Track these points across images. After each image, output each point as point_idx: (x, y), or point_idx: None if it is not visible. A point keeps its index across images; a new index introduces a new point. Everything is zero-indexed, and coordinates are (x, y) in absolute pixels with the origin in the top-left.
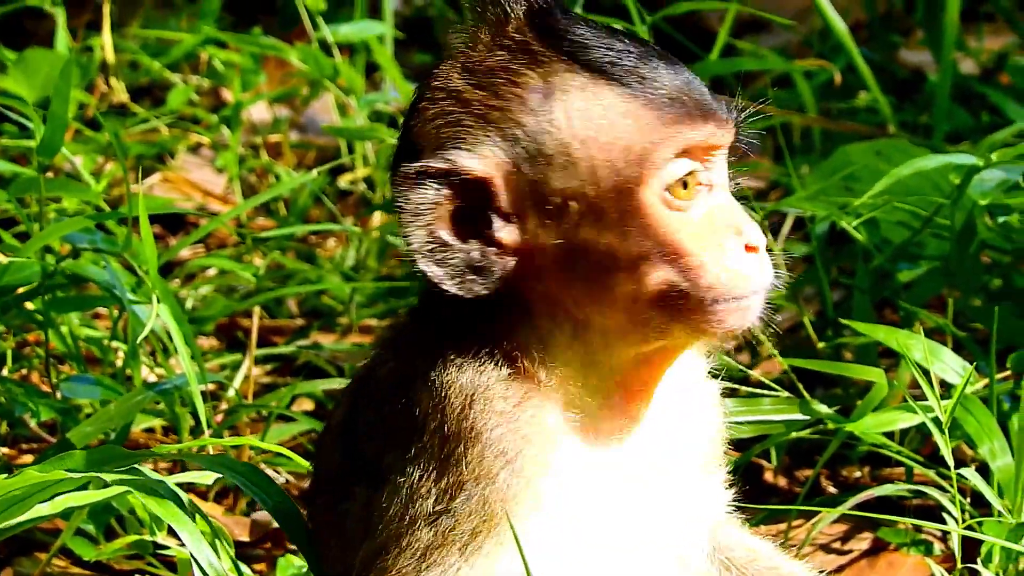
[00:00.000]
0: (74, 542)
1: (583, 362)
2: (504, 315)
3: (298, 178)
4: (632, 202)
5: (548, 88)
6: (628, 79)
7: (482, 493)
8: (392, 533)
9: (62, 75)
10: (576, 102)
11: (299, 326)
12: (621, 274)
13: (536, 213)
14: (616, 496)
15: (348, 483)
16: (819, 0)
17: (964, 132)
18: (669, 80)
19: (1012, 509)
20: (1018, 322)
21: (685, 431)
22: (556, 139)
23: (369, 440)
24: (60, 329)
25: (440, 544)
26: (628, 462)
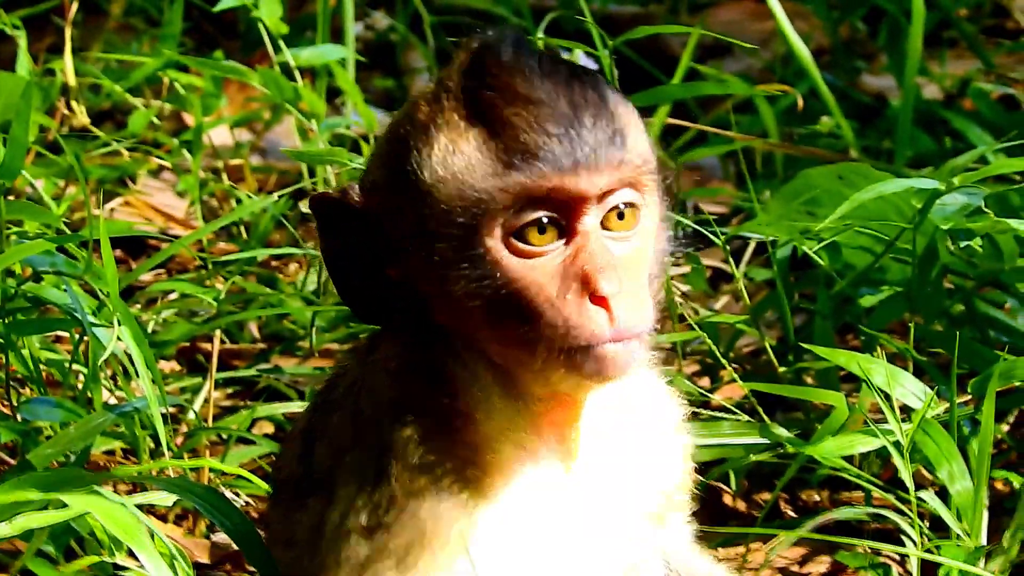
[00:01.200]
0: (34, 563)
1: (505, 393)
2: (438, 341)
3: (259, 202)
4: (478, 246)
5: (430, 127)
6: (496, 124)
7: (413, 508)
8: (332, 546)
9: (23, 98)
10: (443, 142)
11: (260, 350)
12: (486, 316)
13: (414, 249)
14: (557, 521)
15: (302, 493)
16: (782, 25)
17: (926, 157)
18: (538, 127)
19: (971, 532)
20: (979, 347)
21: (637, 461)
22: (423, 176)
23: (323, 449)
24: (21, 352)
25: (376, 559)
26: (571, 491)
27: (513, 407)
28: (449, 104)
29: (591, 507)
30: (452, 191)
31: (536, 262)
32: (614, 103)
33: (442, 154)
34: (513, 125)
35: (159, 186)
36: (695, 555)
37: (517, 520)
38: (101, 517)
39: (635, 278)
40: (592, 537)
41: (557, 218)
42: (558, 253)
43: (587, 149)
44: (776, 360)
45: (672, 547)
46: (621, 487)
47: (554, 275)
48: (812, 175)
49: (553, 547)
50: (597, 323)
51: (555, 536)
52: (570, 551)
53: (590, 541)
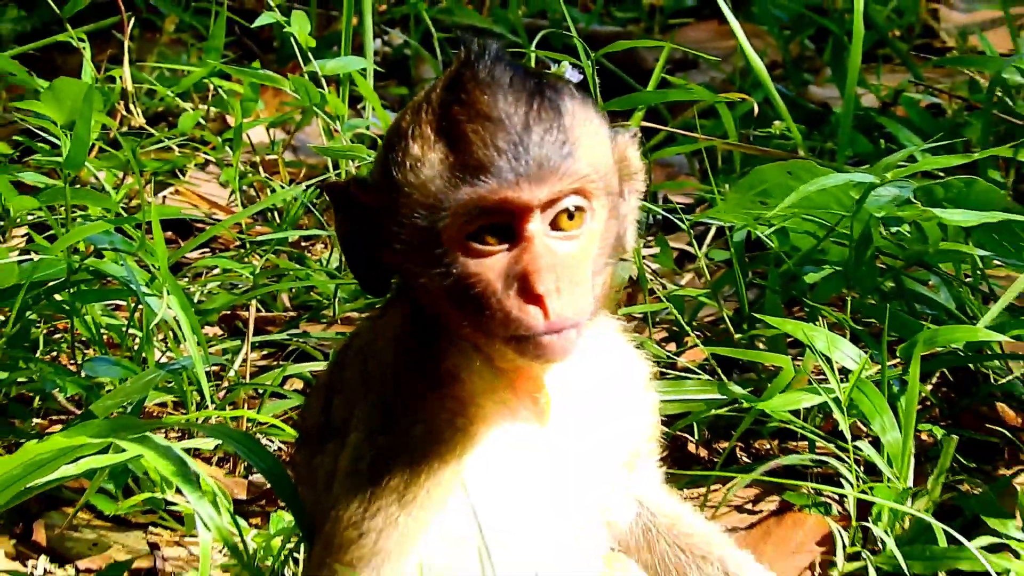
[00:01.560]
0: (96, 499)
1: (484, 358)
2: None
3: (290, 191)
4: (439, 245)
5: (408, 136)
6: (457, 139)
7: (410, 452)
8: (344, 485)
9: (86, 101)
10: (415, 152)
11: (290, 317)
12: (448, 302)
13: (397, 239)
14: (536, 466)
15: (323, 439)
16: (741, 43)
17: (864, 156)
18: (490, 145)
19: (899, 476)
20: (907, 318)
21: (609, 415)
22: (401, 181)
23: (339, 402)
24: (84, 318)
25: (380, 495)
26: (548, 441)
27: (492, 370)
28: (426, 116)
29: (567, 455)
30: (419, 196)
31: (486, 261)
32: (570, 119)
33: (413, 162)
34: (470, 141)
35: (205, 177)
36: (665, 496)
37: (500, 464)
38: (153, 459)
39: (576, 274)
40: (568, 481)
41: (505, 224)
42: (504, 254)
43: (531, 164)
44: (733, 328)
45: (644, 489)
46: (594, 438)
47: (500, 273)
48: (765, 171)
49: (533, 488)
50: (533, 318)
51: (534, 479)
52: (549, 491)
53: (567, 484)
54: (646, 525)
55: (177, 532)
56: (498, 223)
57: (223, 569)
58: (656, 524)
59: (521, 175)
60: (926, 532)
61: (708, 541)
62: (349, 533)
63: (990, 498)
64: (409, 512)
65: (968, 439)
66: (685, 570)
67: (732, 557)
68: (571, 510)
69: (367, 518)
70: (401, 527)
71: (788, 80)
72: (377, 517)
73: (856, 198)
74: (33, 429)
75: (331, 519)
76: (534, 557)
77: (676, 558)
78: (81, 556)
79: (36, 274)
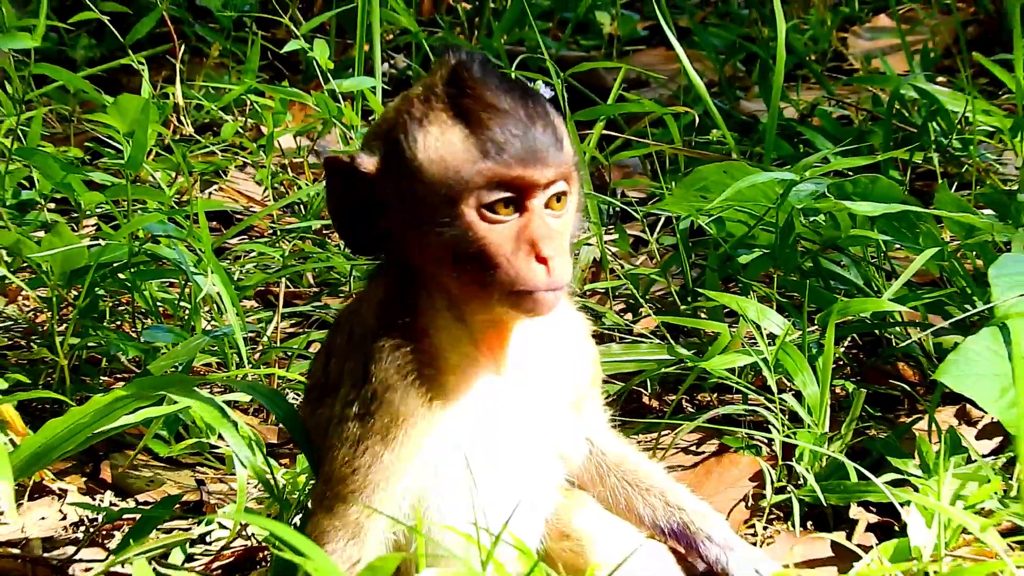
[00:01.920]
0: (152, 443)
1: (455, 316)
2: (410, 278)
3: (314, 188)
4: (456, 211)
5: (423, 120)
6: (474, 123)
7: (390, 399)
8: (337, 430)
9: (143, 113)
10: (434, 133)
11: (314, 292)
12: (452, 263)
13: (401, 207)
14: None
15: (323, 395)
16: (684, 65)
17: (786, 158)
18: (505, 130)
19: (817, 423)
20: (823, 292)
21: (557, 365)
22: (416, 156)
23: (334, 362)
24: (143, 293)
25: (366, 436)
26: (507, 387)
27: (460, 328)
28: (437, 105)
29: (523, 399)
30: (438, 170)
31: (498, 227)
32: (554, 117)
33: (432, 141)
34: (488, 125)
35: (243, 177)
36: (612, 437)
37: (466, 407)
38: (199, 410)
39: (563, 244)
40: (525, 421)
41: (515, 197)
42: (514, 223)
43: (540, 149)
44: (679, 301)
45: (592, 431)
46: (545, 384)
47: (510, 238)
48: (705, 170)
49: (496, 427)
50: (539, 276)
51: (496, 419)
52: (509, 430)
53: (524, 424)
54: (597, 463)
55: (220, 471)
56: (509, 197)
57: (258, 501)
58: (606, 462)
59: (535, 157)
60: (840, 470)
61: (650, 475)
62: (343, 470)
63: (893, 442)
64: (392, 449)
65: (874, 392)
66: (632, 500)
67: (670, 488)
68: (530, 446)
69: (357, 456)
70: (386, 463)
71: (723, 96)
72: (365, 455)
73: (780, 193)
74: (100, 385)
75: (328, 459)
76: (500, 486)
77: (624, 490)
78: (140, 491)
79: (103, 257)
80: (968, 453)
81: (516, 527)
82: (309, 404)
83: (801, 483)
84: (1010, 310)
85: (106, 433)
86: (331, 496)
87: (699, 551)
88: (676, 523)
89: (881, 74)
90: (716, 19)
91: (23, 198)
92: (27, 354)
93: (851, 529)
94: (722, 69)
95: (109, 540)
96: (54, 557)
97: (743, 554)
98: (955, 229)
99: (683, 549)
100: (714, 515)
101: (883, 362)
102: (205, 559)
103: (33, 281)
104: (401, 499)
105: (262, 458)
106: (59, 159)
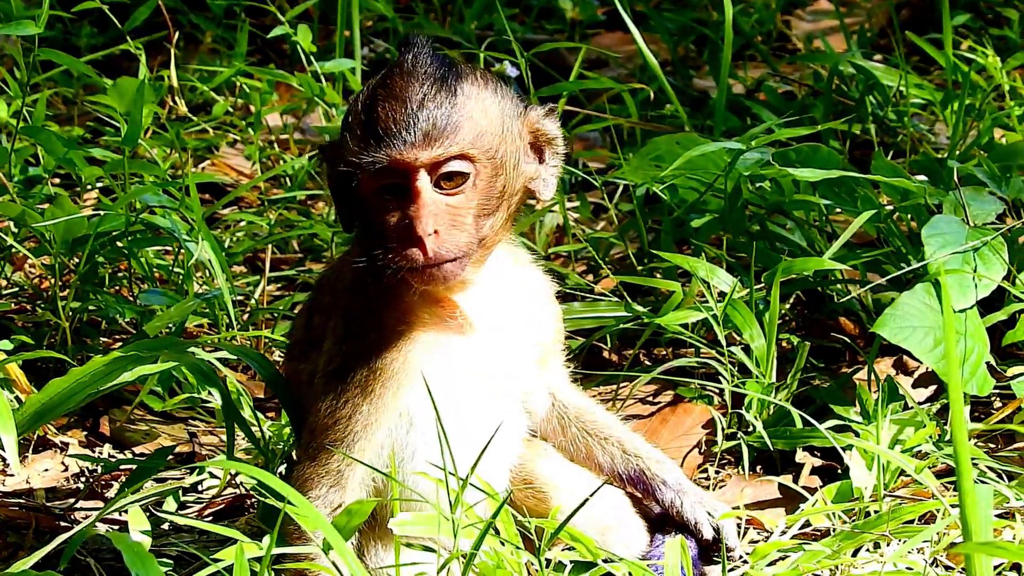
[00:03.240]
0: (148, 399)
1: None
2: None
3: (298, 161)
4: (360, 194)
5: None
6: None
7: (367, 353)
8: (320, 383)
9: (140, 94)
10: (349, 123)
11: (299, 258)
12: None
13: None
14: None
15: (306, 350)
16: (640, 46)
17: (734, 130)
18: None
19: (765, 374)
20: (769, 252)
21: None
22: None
23: (319, 318)
24: (139, 260)
25: (347, 389)
26: (476, 345)
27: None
28: (361, 97)
29: (491, 355)
30: (348, 157)
31: (388, 211)
32: (463, 99)
33: (346, 132)
34: (378, 116)
35: (233, 152)
36: (573, 391)
37: (438, 362)
38: (191, 368)
39: (456, 219)
40: (492, 375)
41: (401, 184)
42: (401, 204)
43: (419, 135)
44: (636, 262)
45: (555, 385)
46: (512, 341)
47: (396, 222)
48: (659, 142)
49: (465, 382)
50: (416, 255)
51: (466, 374)
52: (477, 385)
53: (492, 378)
54: (559, 414)
55: (211, 424)
56: (397, 182)
57: (246, 452)
58: (567, 414)
59: (408, 142)
60: (786, 417)
61: (609, 426)
62: (326, 420)
63: (835, 390)
64: (370, 401)
65: (818, 345)
66: (592, 449)
67: (627, 438)
68: (497, 399)
69: (338, 407)
70: (365, 413)
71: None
72: (346, 406)
73: (728, 161)
74: (100, 346)
75: (313, 410)
76: (469, 436)
77: (584, 440)
78: (136, 443)
79: (102, 226)
80: (905, 400)
81: (484, 473)
82: (292, 360)
83: (750, 430)
84: (942, 267)
85: (105, 390)
86: (315, 446)
87: (655, 495)
88: (633, 470)
89: (822, 52)
90: (670, 3)
91: (30, 174)
92: (32, 317)
93: (797, 472)
94: (675, 49)
95: (108, 490)
96: (56, 506)
97: (696, 497)
98: (891, 193)
99: (640, 494)
100: (668, 462)
101: (825, 317)
102: (197, 506)
103: (38, 250)
104: (380, 448)
105: (249, 411)
106: (62, 137)
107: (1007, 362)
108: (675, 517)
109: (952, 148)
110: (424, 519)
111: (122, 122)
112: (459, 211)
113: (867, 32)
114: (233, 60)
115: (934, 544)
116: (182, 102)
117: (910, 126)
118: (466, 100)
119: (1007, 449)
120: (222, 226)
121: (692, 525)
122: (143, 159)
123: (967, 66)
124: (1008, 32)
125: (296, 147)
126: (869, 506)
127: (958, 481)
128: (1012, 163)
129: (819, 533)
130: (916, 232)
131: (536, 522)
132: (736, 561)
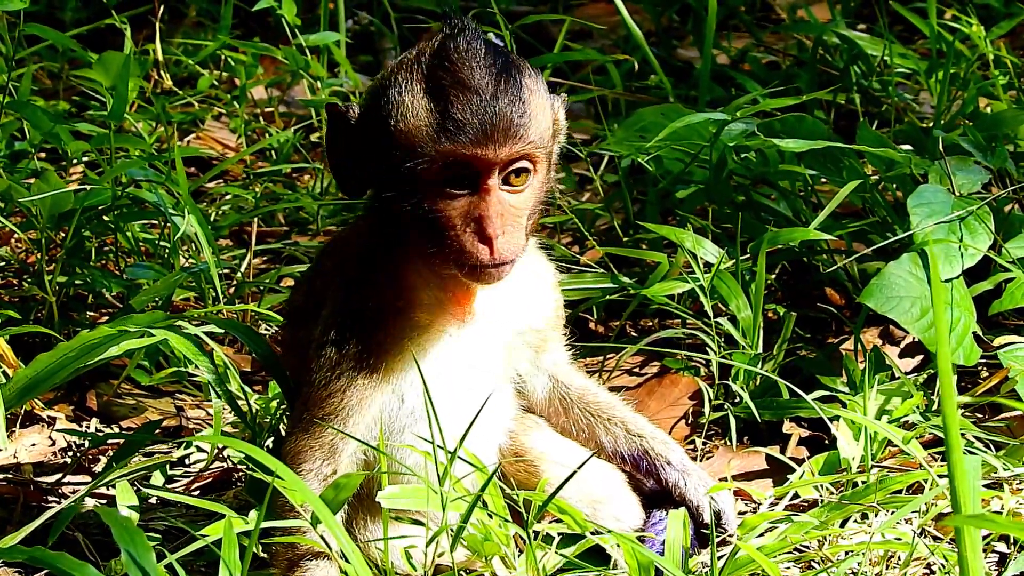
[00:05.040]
0: (135, 373)
1: (425, 264)
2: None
3: (284, 135)
4: (416, 182)
5: (402, 88)
6: (441, 100)
7: (365, 326)
8: (316, 352)
9: (125, 68)
10: (406, 103)
11: (284, 231)
12: (414, 225)
13: (380, 161)
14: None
15: (305, 318)
16: (624, 16)
17: (719, 100)
18: (467, 109)
19: (752, 345)
20: (755, 223)
21: (523, 308)
22: (390, 121)
23: (318, 285)
24: (126, 233)
25: (342, 360)
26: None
27: (431, 273)
28: (417, 75)
29: (486, 337)
30: (405, 140)
31: (452, 202)
32: (527, 93)
33: (404, 111)
34: (451, 103)
35: (218, 126)
36: (574, 373)
37: (433, 342)
38: (178, 342)
39: (517, 220)
40: (486, 356)
41: (470, 175)
42: (467, 199)
43: (497, 130)
44: (621, 233)
45: (556, 368)
46: (509, 325)
47: (462, 214)
48: (644, 113)
49: (458, 362)
50: (483, 253)
51: (460, 354)
52: (470, 365)
53: (485, 358)
54: (561, 396)
55: (198, 397)
56: (465, 174)
57: (233, 426)
58: (569, 395)
59: (489, 138)
60: (773, 388)
61: (611, 406)
62: (320, 393)
63: (822, 361)
64: (366, 375)
65: (804, 315)
66: (595, 429)
67: (631, 418)
68: (488, 378)
69: (334, 380)
70: (360, 387)
71: (660, 45)
72: (341, 379)
73: (713, 132)
74: (87, 320)
75: (307, 381)
76: (459, 413)
77: (587, 420)
78: (123, 418)
79: (88, 201)
80: (892, 371)
81: (472, 448)
82: (290, 327)
83: (737, 401)
84: (928, 236)
85: (92, 365)
86: (308, 418)
87: (658, 475)
88: (637, 450)
89: (806, 22)
90: None
91: (15, 148)
92: (18, 292)
93: (784, 443)
94: (659, 20)
95: (95, 464)
96: (44, 481)
97: (699, 478)
98: (876, 163)
99: (643, 475)
100: (672, 442)
101: (811, 287)
102: (185, 480)
103: (24, 224)
104: (373, 423)
105: (236, 384)
106: (48, 112)
107: (993, 332)
108: (677, 498)
109: (937, 117)
110: (412, 492)
111: (108, 96)
112: (519, 211)
113: (851, 2)
114: (218, 33)
115: (922, 515)
116: (167, 76)
117: (895, 96)
118: (530, 96)
119: (994, 419)
120: (208, 199)
121: (693, 507)
122: (129, 133)
123: (951, 35)
124: (991, 1)
125: (281, 120)
126: (857, 477)
127: (947, 452)
128: (997, 132)
129: (807, 504)
130: (901, 202)
131: (524, 494)
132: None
